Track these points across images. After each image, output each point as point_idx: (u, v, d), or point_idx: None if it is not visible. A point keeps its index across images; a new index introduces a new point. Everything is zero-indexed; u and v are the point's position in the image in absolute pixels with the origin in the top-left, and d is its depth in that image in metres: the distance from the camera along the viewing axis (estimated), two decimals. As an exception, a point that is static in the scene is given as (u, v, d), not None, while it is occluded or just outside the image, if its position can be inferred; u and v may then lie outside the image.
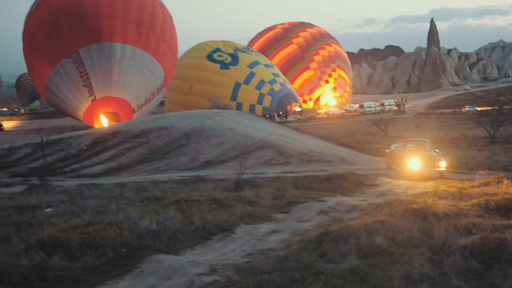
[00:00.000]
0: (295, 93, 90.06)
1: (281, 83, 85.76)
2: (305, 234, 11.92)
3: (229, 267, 9.56)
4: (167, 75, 68.71)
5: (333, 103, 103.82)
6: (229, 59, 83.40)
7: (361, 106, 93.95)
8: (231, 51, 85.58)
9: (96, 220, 12.07)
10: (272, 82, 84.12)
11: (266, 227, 13.20)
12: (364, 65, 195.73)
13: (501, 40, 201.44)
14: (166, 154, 34.78)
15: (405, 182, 21.18)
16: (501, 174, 18.13)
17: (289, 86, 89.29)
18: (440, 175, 22.40)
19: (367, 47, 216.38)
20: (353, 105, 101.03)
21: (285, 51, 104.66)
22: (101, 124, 60.83)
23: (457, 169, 25.54)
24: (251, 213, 14.45)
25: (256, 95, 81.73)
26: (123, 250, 10.46)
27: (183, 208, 14.40)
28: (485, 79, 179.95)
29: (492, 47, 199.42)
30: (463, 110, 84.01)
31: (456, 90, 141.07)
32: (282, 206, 15.68)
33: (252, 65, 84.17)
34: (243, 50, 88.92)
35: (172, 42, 69.44)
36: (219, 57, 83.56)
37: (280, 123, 61.49)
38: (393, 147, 26.69)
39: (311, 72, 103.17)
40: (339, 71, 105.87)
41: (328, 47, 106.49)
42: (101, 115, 62.76)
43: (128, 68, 61.96)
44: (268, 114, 76.54)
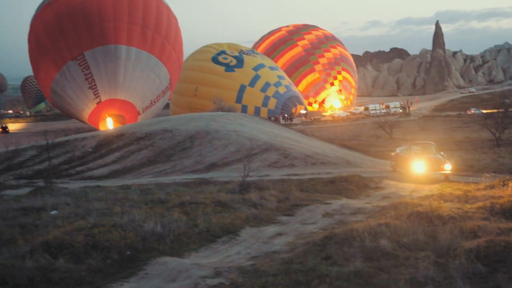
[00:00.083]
0: (300, 95, 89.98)
1: (286, 86, 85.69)
2: (309, 236, 11.90)
3: (233, 270, 9.55)
4: (172, 77, 68.76)
5: (338, 105, 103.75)
6: (234, 61, 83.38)
7: (366, 109, 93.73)
8: (236, 54, 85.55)
9: (101, 222, 12.10)
10: (277, 84, 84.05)
11: (271, 229, 13.19)
12: (369, 67, 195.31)
13: (506, 42, 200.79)
14: (171, 156, 34.79)
15: (410, 185, 21.17)
16: (506, 177, 18.06)
17: (294, 88, 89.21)
18: (445, 178, 22.36)
19: (372, 49, 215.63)
20: (358, 107, 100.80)
21: (290, 54, 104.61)
22: (106, 126, 60.92)
23: (462, 172, 25.46)
24: (256, 215, 14.44)
25: (261, 98, 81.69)
26: (128, 253, 10.47)
27: (188, 211, 14.40)
28: (491, 81, 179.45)
29: (498, 49, 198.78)
30: (469, 113, 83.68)
31: (462, 93, 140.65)
32: (287, 209, 15.66)
33: (257, 67, 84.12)
34: (248, 52, 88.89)
35: (177, 45, 69.49)
36: (224, 59, 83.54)
37: (285, 125, 61.34)
38: (399, 150, 26.65)
39: (316, 74, 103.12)
40: (344, 73, 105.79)
41: (333, 50, 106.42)
42: (107, 117, 62.89)
43: (134, 70, 62.07)
44: (273, 117, 76.53)
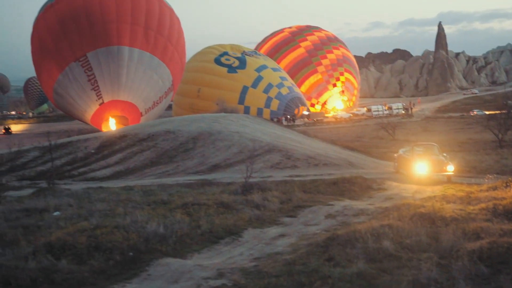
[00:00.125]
0: (302, 96, 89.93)
1: (288, 87, 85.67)
2: (312, 238, 11.90)
3: (236, 271, 9.55)
4: (175, 78, 68.79)
5: (340, 106, 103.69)
6: (236, 62, 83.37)
7: (368, 110, 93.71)
8: (238, 55, 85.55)
9: (103, 224, 12.11)
10: (280, 85, 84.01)
11: (274, 231, 13.18)
12: (372, 68, 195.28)
13: (509, 43, 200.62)
14: (174, 157, 34.79)
15: (412, 186, 21.14)
16: (509, 178, 18.00)
17: (296, 89, 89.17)
18: (448, 179, 22.35)
19: (375, 50, 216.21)
20: (360, 108, 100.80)
21: (292, 55, 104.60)
22: (109, 127, 60.94)
23: (465, 173, 25.45)
24: (259, 216, 14.44)
25: (263, 99, 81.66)
26: (130, 254, 10.48)
27: (190, 212, 14.41)
28: (493, 82, 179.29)
29: (500, 50, 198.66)
30: (471, 114, 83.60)
31: (464, 94, 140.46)
32: (290, 210, 15.65)
33: (259, 68, 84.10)
34: (250, 53, 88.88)
35: (180, 46, 69.52)
36: (226, 60, 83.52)
37: (288, 126, 61.31)
38: (402, 151, 26.62)
39: (318, 75, 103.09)
40: (346, 74, 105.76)
41: (335, 51, 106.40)
42: (110, 118, 62.93)
43: (136, 71, 62.10)
44: (275, 118, 76.50)
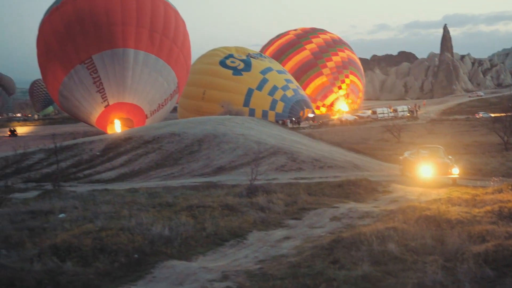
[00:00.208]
0: (307, 99, 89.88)
1: (293, 89, 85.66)
2: (317, 240, 11.88)
3: (241, 273, 9.55)
4: (180, 81, 68.87)
5: (345, 109, 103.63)
6: (241, 65, 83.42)
7: (374, 112, 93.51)
8: (243, 57, 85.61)
9: (108, 226, 12.12)
10: (285, 88, 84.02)
11: (279, 233, 13.17)
12: (377, 71, 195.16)
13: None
14: (179, 160, 34.82)
15: (418, 189, 21.10)
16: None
17: (301, 92, 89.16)
18: (453, 182, 22.30)
19: (380, 53, 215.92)
20: (366, 111, 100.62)
21: (298, 57, 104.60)
22: (114, 129, 61.04)
23: (470, 175, 25.40)
24: (264, 219, 14.43)
25: (268, 101, 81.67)
26: (136, 256, 10.48)
27: (195, 214, 14.41)
28: (499, 85, 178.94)
29: (506, 53, 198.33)
30: (477, 117, 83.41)
31: (470, 96, 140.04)
32: (295, 212, 15.64)
33: (264, 71, 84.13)
34: (255, 56, 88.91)
35: (185, 48, 69.60)
36: (231, 63, 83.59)
37: (293, 129, 61.32)
38: (407, 154, 26.58)
39: (324, 78, 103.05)
40: (352, 77, 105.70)
41: (341, 53, 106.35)
42: (115, 120, 63.04)
43: (141, 74, 62.20)
44: (280, 120, 76.46)
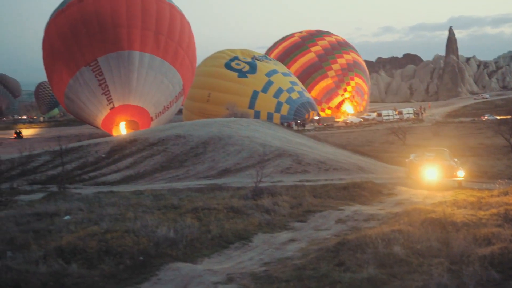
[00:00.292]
0: (313, 101, 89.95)
1: (299, 92, 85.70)
2: (322, 243, 11.85)
3: (246, 276, 9.53)
4: (186, 83, 68.98)
5: (351, 111, 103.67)
6: (247, 67, 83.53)
7: (379, 115, 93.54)
8: (249, 60, 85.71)
9: (114, 228, 12.11)
10: (290, 90, 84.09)
11: (284, 235, 13.15)
12: (382, 73, 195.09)
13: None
14: (184, 162, 34.84)
15: (423, 191, 21.08)
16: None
17: (307, 94, 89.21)
18: (458, 184, 22.27)
19: (385, 55, 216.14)
20: (371, 113, 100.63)
21: (303, 60, 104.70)
22: (119, 132, 61.17)
23: (476, 178, 25.33)
24: (269, 221, 14.41)
25: (274, 104, 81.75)
26: (141, 258, 10.47)
27: (201, 216, 14.39)
28: (504, 87, 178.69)
29: (511, 55, 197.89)
30: (482, 119, 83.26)
31: (475, 99, 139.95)
32: (300, 215, 15.61)
33: (270, 73, 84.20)
34: (261, 58, 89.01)
35: (191, 50, 69.72)
36: (237, 65, 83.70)
37: (298, 131, 61.31)
38: (412, 156, 26.56)
39: (329, 80, 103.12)
40: (357, 79, 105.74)
41: (346, 56, 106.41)
42: (120, 123, 63.19)
43: (147, 76, 62.34)
44: (286, 123, 76.51)
